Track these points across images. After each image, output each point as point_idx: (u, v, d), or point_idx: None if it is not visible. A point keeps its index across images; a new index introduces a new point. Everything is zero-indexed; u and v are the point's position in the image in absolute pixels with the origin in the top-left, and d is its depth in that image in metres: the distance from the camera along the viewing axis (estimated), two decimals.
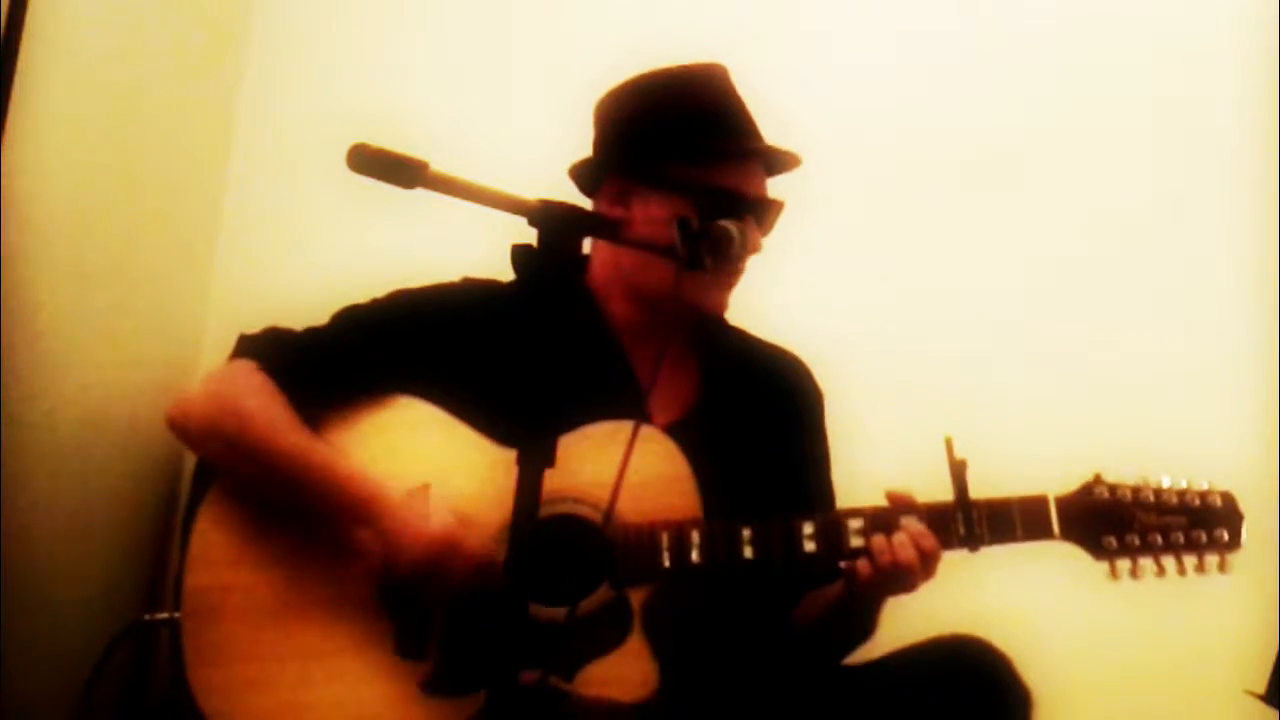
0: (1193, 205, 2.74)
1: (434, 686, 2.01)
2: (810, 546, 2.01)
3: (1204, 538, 1.96)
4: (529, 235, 1.62)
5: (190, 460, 2.20)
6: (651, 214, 2.14)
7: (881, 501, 2.03)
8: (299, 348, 2.17)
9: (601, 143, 2.25)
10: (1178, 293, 2.73)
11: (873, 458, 2.39)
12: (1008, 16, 2.87)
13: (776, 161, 2.23)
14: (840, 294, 2.80)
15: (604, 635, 1.99)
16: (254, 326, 2.22)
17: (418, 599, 2.01)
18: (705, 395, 2.23)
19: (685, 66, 2.23)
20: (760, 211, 2.17)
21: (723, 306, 2.21)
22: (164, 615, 2.10)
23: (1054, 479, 2.00)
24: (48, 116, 2.37)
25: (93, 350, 2.58)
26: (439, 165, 1.57)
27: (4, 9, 2.24)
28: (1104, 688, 2.47)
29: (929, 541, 1.97)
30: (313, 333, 2.19)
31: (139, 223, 2.72)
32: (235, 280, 2.97)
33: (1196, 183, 2.75)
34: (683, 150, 2.15)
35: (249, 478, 2.10)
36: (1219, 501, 1.98)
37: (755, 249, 2.14)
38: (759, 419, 2.25)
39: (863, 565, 1.99)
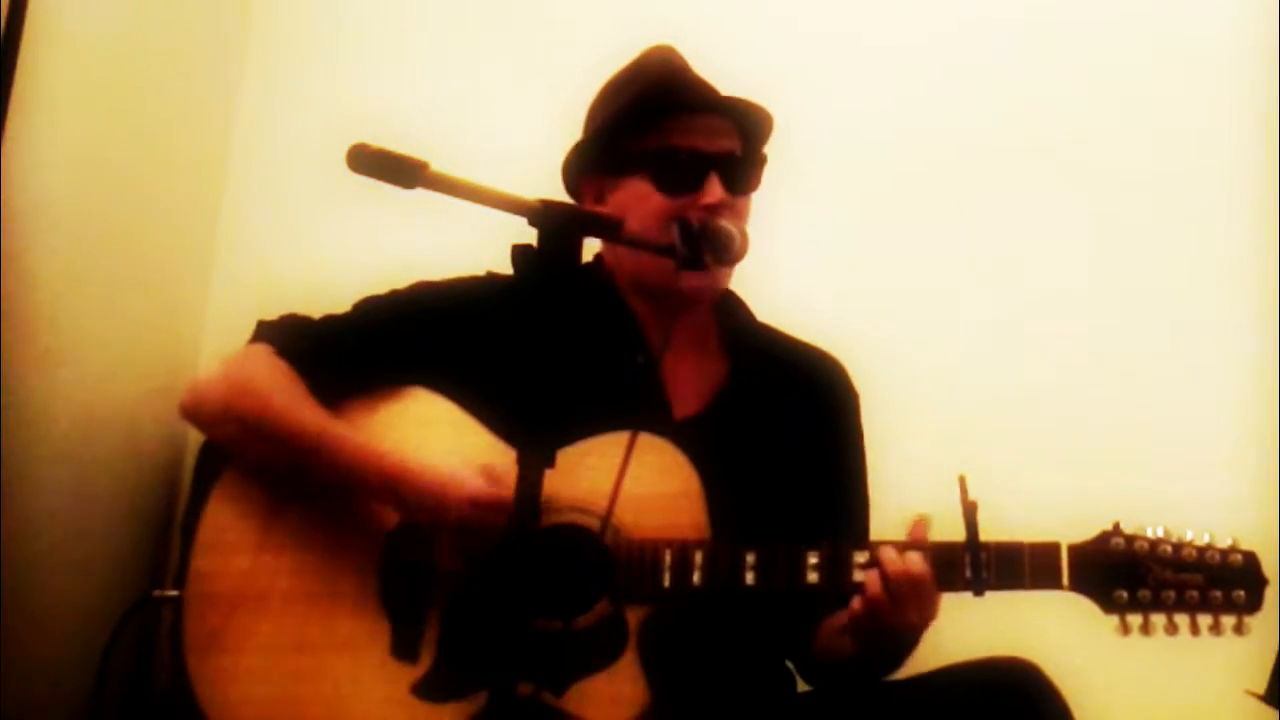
0: (1221, 222, 2.73)
1: (426, 690, 2.00)
2: (813, 577, 1.97)
3: (1221, 597, 1.90)
4: (530, 235, 1.62)
5: (191, 457, 2.21)
6: (625, 202, 2.13)
7: (887, 534, 2.00)
8: (317, 334, 2.17)
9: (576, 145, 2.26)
10: (1211, 335, 2.69)
11: (881, 492, 2.32)
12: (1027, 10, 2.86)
13: (740, 116, 2.18)
14: (849, 315, 2.73)
15: (598, 651, 1.97)
16: (254, 327, 2.22)
17: (421, 592, 2.01)
18: (730, 387, 2.21)
19: (632, 59, 2.25)
20: (726, 165, 2.13)
21: (714, 291, 2.19)
22: (173, 593, 2.11)
23: (1071, 524, 1.97)
24: (47, 117, 2.38)
25: (92, 349, 2.58)
26: (439, 165, 1.57)
27: (4, 9, 2.26)
28: (1107, 684, 2.36)
29: (918, 568, 1.92)
30: (331, 320, 2.19)
31: (139, 223, 2.72)
32: (235, 280, 2.96)
33: (1226, 200, 2.73)
34: (629, 126, 2.15)
35: (266, 456, 2.09)
36: (1240, 560, 1.91)
37: (722, 203, 2.09)
38: (786, 415, 2.22)
39: (856, 600, 1.95)
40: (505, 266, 1.67)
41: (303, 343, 2.14)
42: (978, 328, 2.75)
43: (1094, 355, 2.70)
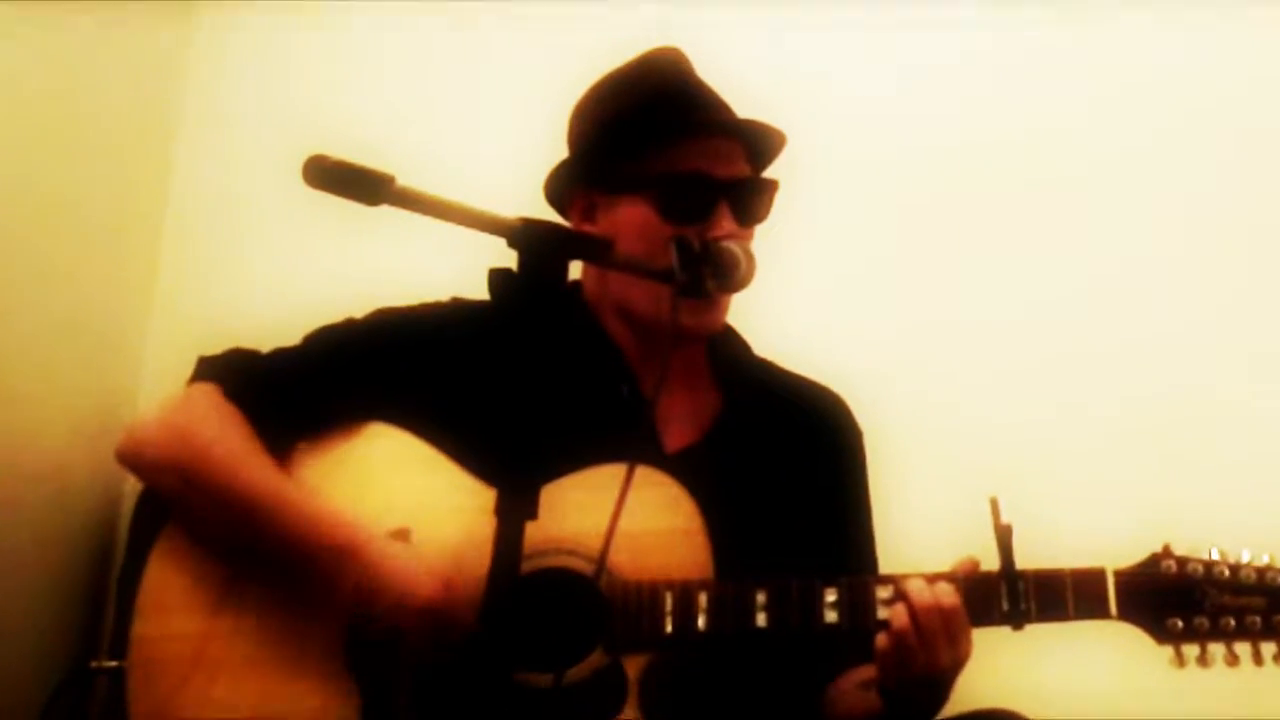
0: (1261, 241, 2.64)
1: None
2: (832, 616, 1.88)
3: None
4: (509, 258, 1.53)
5: (127, 509, 2.11)
6: (619, 225, 2.04)
7: (916, 568, 1.89)
8: (266, 370, 2.07)
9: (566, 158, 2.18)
10: (1258, 348, 2.60)
11: (904, 519, 2.25)
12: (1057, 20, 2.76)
13: (753, 141, 2.10)
14: (867, 331, 2.66)
15: (595, 707, 1.88)
16: (193, 362, 2.12)
17: (390, 661, 1.90)
18: (724, 421, 2.14)
19: (633, 60, 2.16)
20: (737, 194, 2.05)
21: (711, 326, 2.10)
22: (111, 664, 1.99)
23: (1113, 551, 1.87)
24: None
25: (17, 390, 2.48)
26: (406, 179, 1.47)
27: None
28: None
29: (949, 600, 1.82)
30: (282, 354, 2.09)
31: (71, 249, 2.63)
32: (177, 311, 2.84)
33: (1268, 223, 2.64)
34: (632, 142, 2.06)
35: (206, 515, 1.99)
36: None
37: (731, 235, 2.01)
38: (785, 451, 2.15)
39: (880, 638, 1.85)
40: (477, 292, 1.59)
41: (251, 382, 2.05)
42: (1000, 350, 2.65)
43: (1132, 372, 2.60)
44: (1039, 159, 2.70)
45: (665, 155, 2.03)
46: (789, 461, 2.13)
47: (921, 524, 2.26)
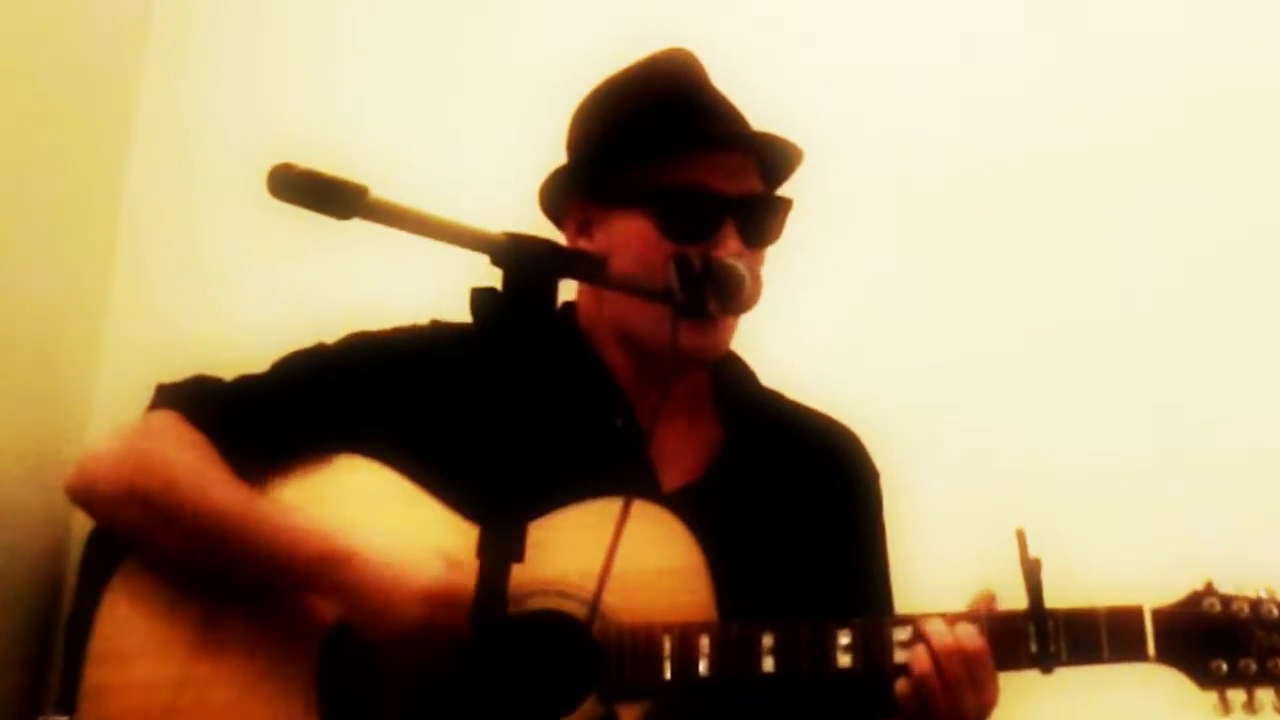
0: None
1: None
2: (845, 660, 1.79)
3: None
4: (493, 276, 1.46)
5: (77, 548, 2.03)
6: (617, 241, 1.95)
7: (935, 608, 1.81)
8: (232, 398, 1.99)
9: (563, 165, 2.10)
10: None
11: (923, 553, 2.18)
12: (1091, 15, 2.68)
13: (766, 155, 2.00)
14: (884, 353, 2.59)
15: None
16: (149, 390, 2.03)
17: (366, 688, 1.84)
18: (726, 456, 2.05)
19: (643, 59, 2.06)
20: (746, 212, 1.94)
21: (714, 350, 2.01)
22: (61, 717, 1.90)
23: (1151, 588, 1.79)
24: None
25: None
26: (382, 190, 1.39)
27: None
28: None
29: (973, 642, 1.74)
30: (248, 381, 2.02)
31: (14, 271, 2.54)
32: (130, 336, 2.77)
33: None
34: (634, 151, 1.96)
35: (171, 546, 1.90)
36: None
37: (739, 255, 1.91)
38: (792, 489, 2.05)
39: (901, 683, 1.77)
40: (459, 314, 1.54)
41: (215, 409, 1.96)
42: (1026, 375, 2.58)
43: (1169, 396, 2.52)
44: (1067, 176, 2.63)
45: (669, 168, 1.94)
46: (797, 500, 2.04)
47: (942, 559, 2.20)
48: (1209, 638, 1.74)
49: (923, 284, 2.64)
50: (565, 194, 2.03)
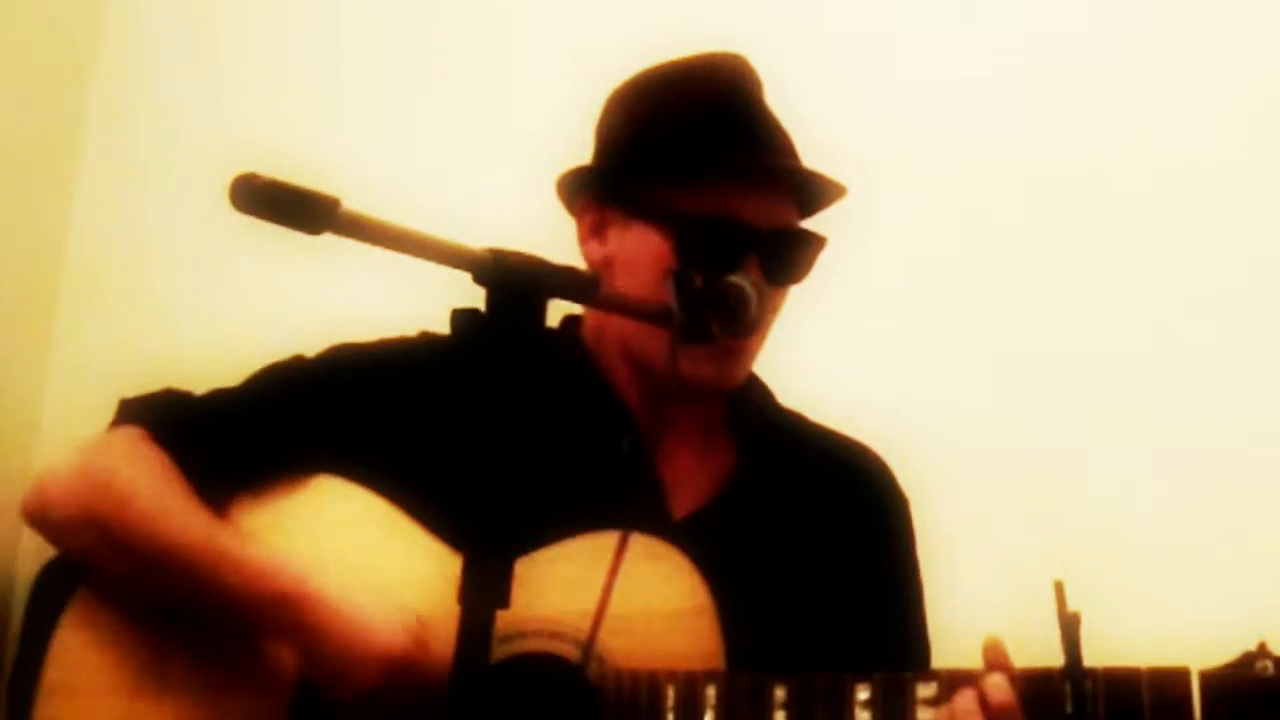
0: None
1: None
2: (864, 717, 1.68)
3: None
4: (477, 296, 1.41)
5: (25, 575, 2.04)
6: (629, 252, 1.89)
7: (968, 661, 1.71)
8: (201, 414, 1.92)
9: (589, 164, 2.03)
10: None
11: (951, 605, 2.09)
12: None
13: (805, 188, 1.93)
14: (912, 373, 2.52)
15: None
16: (100, 415, 1.95)
17: None
18: (739, 481, 1.98)
19: (691, 59, 1.97)
20: (773, 247, 1.87)
21: (725, 380, 1.94)
22: None
23: (1199, 647, 1.68)
24: None
25: None
26: (355, 203, 1.32)
27: None
28: None
29: (1002, 696, 1.63)
30: (220, 395, 1.95)
31: None
32: (82, 351, 2.70)
33: None
34: (664, 164, 1.89)
35: (127, 574, 1.84)
36: None
37: (764, 298, 1.84)
38: (811, 518, 1.98)
39: None
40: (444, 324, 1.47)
41: (182, 425, 1.89)
42: (1066, 414, 2.49)
43: (1223, 438, 2.40)
44: (1115, 190, 2.55)
45: (700, 188, 1.86)
46: (817, 530, 1.97)
47: (971, 611, 2.07)
48: (1262, 702, 1.63)
49: (956, 299, 2.58)
50: (585, 190, 1.97)
